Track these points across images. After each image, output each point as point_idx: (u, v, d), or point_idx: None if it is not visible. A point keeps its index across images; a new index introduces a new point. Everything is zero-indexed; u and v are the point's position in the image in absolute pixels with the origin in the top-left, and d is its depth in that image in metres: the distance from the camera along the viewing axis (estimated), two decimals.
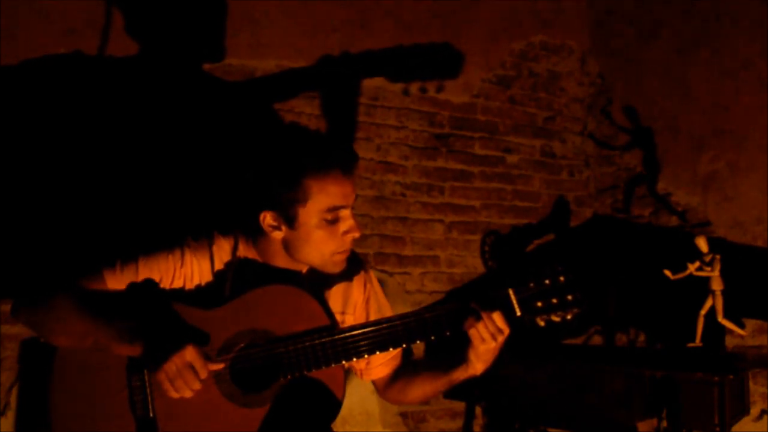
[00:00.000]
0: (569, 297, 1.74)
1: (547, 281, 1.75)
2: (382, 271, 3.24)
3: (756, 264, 3.13)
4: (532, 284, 1.75)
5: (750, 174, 3.20)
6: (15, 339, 2.51)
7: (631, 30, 3.70)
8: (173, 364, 1.59)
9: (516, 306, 1.74)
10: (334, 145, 1.76)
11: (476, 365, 1.77)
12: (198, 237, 1.83)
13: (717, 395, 2.37)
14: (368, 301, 1.95)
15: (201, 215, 2.66)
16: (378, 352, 1.75)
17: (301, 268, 1.84)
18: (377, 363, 1.96)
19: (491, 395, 2.86)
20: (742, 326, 2.83)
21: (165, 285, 1.78)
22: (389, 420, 3.22)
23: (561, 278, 1.75)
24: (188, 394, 1.62)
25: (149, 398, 1.68)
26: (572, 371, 2.66)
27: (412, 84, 3.33)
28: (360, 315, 1.93)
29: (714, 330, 2.74)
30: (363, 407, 3.11)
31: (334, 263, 1.79)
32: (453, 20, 3.47)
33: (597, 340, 3.57)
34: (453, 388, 1.90)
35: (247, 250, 1.84)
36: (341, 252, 1.77)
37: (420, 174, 3.39)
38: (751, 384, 2.82)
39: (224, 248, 1.82)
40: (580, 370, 2.64)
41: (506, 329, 1.71)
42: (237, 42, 2.93)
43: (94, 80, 2.67)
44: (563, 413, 2.67)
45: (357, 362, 1.88)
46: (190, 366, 1.60)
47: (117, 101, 2.68)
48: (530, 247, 3.65)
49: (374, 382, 2.02)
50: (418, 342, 1.75)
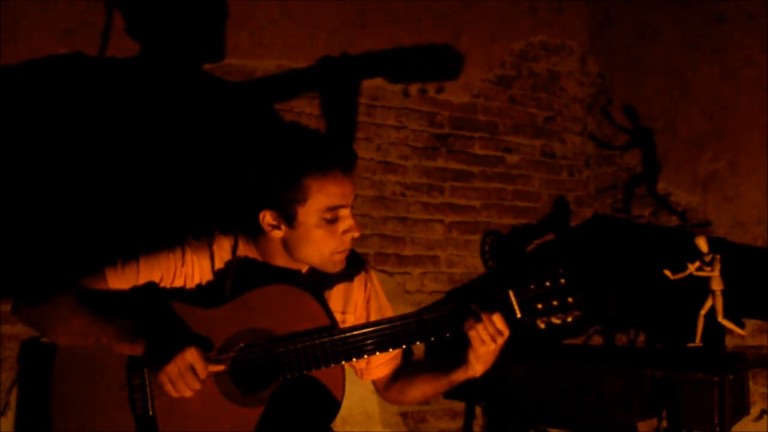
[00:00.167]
0: (570, 299, 1.72)
1: (548, 283, 1.73)
2: (382, 271, 3.24)
3: (756, 264, 3.13)
4: (533, 286, 1.74)
5: (750, 174, 3.20)
6: (15, 339, 2.51)
7: (631, 30, 3.70)
8: (175, 366, 1.59)
9: (516, 308, 1.73)
10: (334, 145, 1.76)
11: (476, 367, 1.77)
12: (198, 236, 1.83)
13: (717, 395, 2.37)
14: (369, 301, 1.96)
15: (201, 214, 2.66)
16: (378, 353, 1.75)
17: (301, 268, 1.85)
18: (377, 363, 1.96)
19: (491, 395, 2.86)
20: (742, 326, 2.83)
21: (166, 284, 1.78)
22: (389, 420, 3.22)
23: (562, 280, 1.73)
24: (188, 394, 1.62)
25: (149, 397, 1.68)
26: (572, 371, 2.66)
27: (412, 84, 3.33)
28: (360, 315, 1.93)
29: (714, 330, 2.74)
30: (363, 407, 3.10)
31: (334, 263, 1.79)
32: (453, 20, 3.47)
33: (597, 340, 3.56)
34: (453, 388, 1.89)
35: (248, 250, 1.84)
36: (341, 251, 1.77)
37: (420, 174, 3.39)
38: (751, 384, 2.81)
39: (224, 247, 1.83)
40: (580, 370, 2.64)
41: (506, 331, 1.70)
42: (237, 42, 2.93)
43: (95, 80, 2.67)
44: (563, 413, 2.67)
45: (357, 362, 1.88)
46: (191, 367, 1.60)
47: (117, 101, 2.68)
48: (530, 247, 3.65)
49: (374, 382, 2.02)
50: (418, 343, 1.75)
